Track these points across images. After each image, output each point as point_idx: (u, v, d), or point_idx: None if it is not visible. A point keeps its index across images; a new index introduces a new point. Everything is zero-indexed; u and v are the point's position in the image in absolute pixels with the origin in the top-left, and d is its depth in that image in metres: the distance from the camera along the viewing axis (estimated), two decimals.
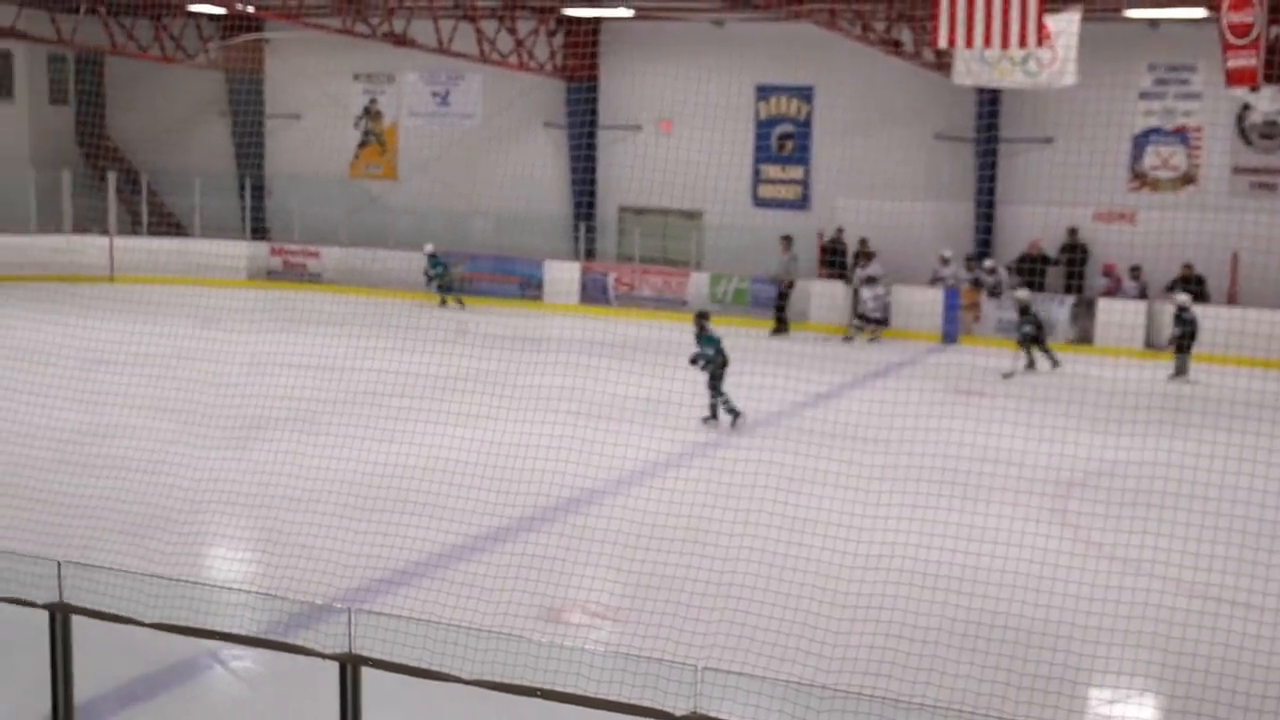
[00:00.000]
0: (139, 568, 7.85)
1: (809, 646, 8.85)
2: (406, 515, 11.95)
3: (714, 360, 16.91)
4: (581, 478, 13.41)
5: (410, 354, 18.91)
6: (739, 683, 5.51)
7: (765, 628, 9.28)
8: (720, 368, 16.97)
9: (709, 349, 16.95)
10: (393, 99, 31.59)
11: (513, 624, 8.86)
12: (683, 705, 5.11)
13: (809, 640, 8.97)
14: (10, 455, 13.40)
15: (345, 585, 10.36)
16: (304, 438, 14.39)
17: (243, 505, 12.46)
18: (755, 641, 8.99)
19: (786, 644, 8.92)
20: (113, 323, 18.89)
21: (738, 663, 8.09)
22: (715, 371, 16.95)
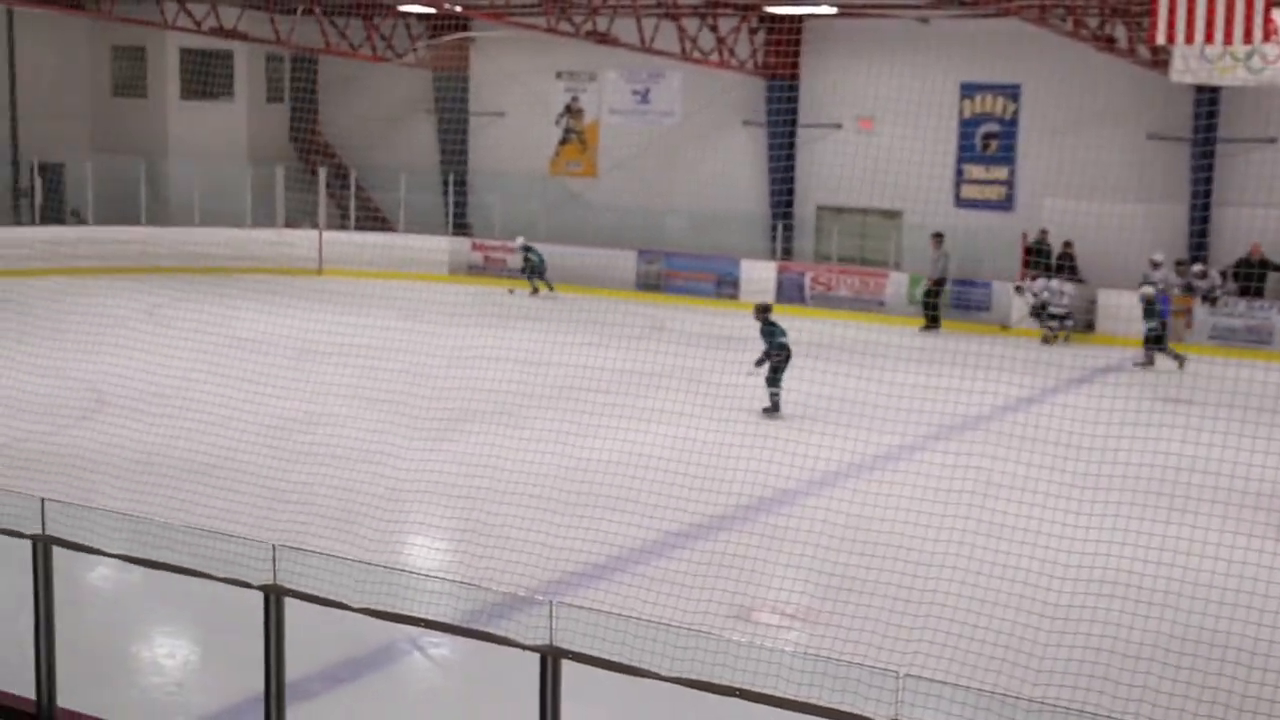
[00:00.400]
0: (345, 553, 8.05)
1: (1013, 657, 8.62)
2: (603, 510, 12.03)
3: (783, 352, 17.12)
4: (777, 477, 13.32)
5: (608, 349, 19.06)
6: (941, 691, 5.37)
7: (965, 635, 9.08)
8: (785, 360, 17.17)
9: (772, 338, 17.20)
10: (594, 97, 31.87)
11: (706, 622, 8.83)
12: (884, 712, 5.01)
13: (1012, 650, 8.74)
14: (226, 441, 13.89)
15: (543, 578, 10.47)
16: (505, 431, 14.61)
17: (445, 496, 12.69)
18: (955, 649, 8.79)
19: (988, 653, 8.71)
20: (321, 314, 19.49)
21: (939, 670, 7.92)
22: (779, 364, 17.13)
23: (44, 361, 17.34)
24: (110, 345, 17.38)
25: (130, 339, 16.76)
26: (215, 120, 33.36)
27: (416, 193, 32.30)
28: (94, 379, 17.37)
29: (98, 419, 15.74)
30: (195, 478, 12.94)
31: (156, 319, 22.17)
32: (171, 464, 13.37)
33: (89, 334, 18.45)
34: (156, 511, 11.33)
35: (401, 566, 10.01)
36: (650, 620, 5.95)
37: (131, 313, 20.85)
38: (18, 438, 14.39)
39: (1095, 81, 25.23)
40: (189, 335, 18.61)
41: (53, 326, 20.10)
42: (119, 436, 13.93)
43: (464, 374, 16.84)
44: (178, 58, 32.86)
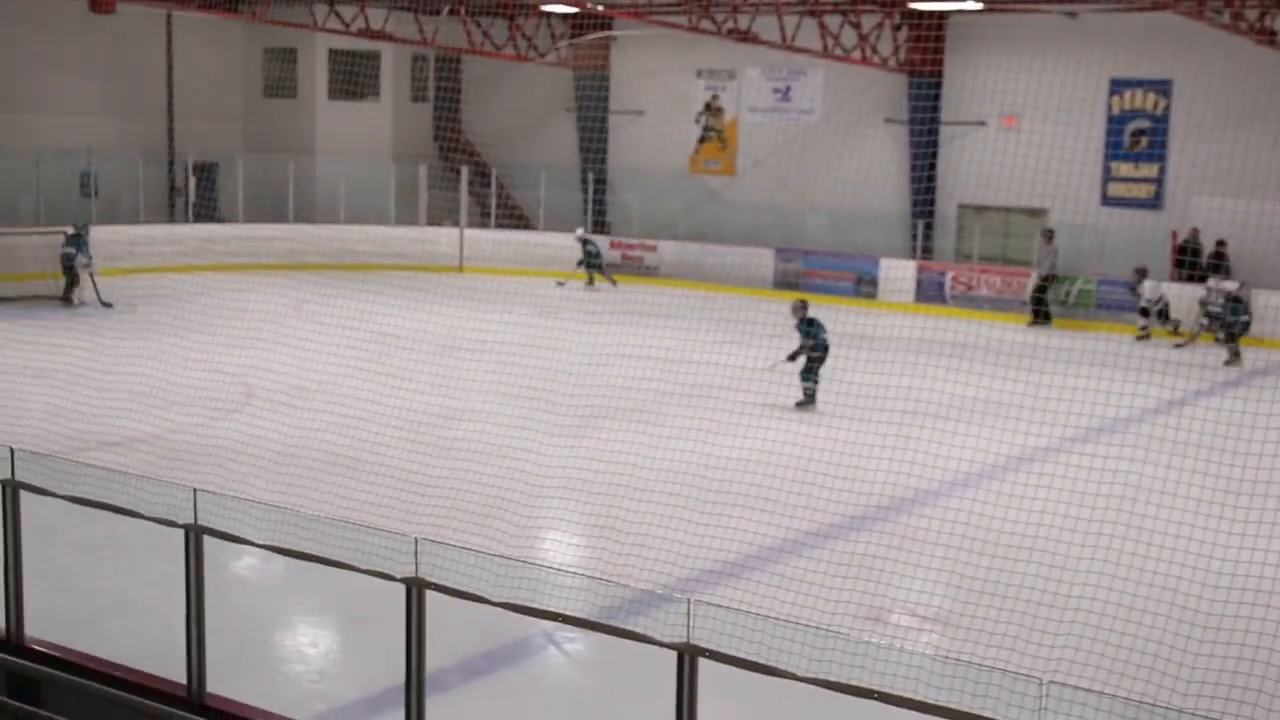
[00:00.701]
0: (484, 547, 8.13)
1: (1160, 666, 8.39)
2: (738, 509, 11.99)
3: (820, 346, 17.31)
4: (913, 477, 13.16)
5: (744, 348, 19.01)
6: (1086, 699, 5.23)
7: (1111, 643, 8.87)
8: (822, 357, 17.30)
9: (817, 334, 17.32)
10: (733, 95, 31.81)
11: (839, 623, 8.74)
12: (1026, 719, 4.91)
13: (1160, 659, 8.51)
14: (368, 435, 14.14)
15: (677, 575, 10.47)
16: (642, 428, 14.64)
17: (582, 492, 12.76)
18: (1100, 656, 8.59)
19: (1134, 660, 8.49)
20: (462, 311, 19.74)
21: (1083, 678, 7.74)
22: (816, 360, 17.25)
23: (196, 355, 17.85)
24: (258, 340, 17.82)
25: (277, 334, 17.17)
26: (361, 120, 34.01)
27: (556, 191, 32.57)
28: (243, 373, 17.82)
29: (246, 412, 16.14)
30: (339, 470, 13.19)
31: (303, 314, 22.66)
32: (316, 457, 13.64)
33: (238, 329, 18.95)
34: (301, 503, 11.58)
35: (539, 561, 10.09)
36: (786, 620, 5.90)
37: (279, 308, 21.36)
38: (171, 429, 14.81)
39: (1252, 76, 24.46)
40: (334, 330, 19.00)
41: (204, 321, 20.66)
42: (266, 429, 14.26)
43: (602, 371, 16.92)
44: (326, 59, 33.56)
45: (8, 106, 29.76)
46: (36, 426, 13.96)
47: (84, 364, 16.93)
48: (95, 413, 14.88)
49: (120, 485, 7.53)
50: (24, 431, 13.25)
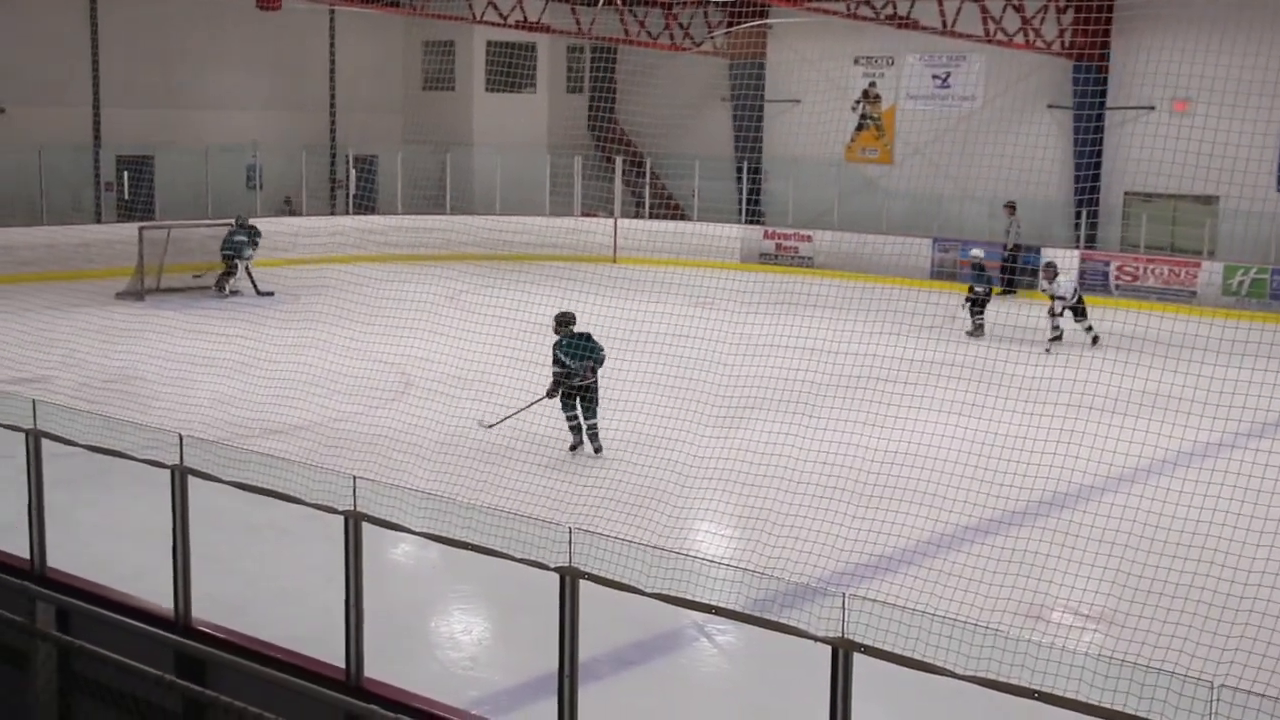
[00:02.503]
0: (635, 536, 8.13)
1: None
2: (893, 502, 11.81)
3: (583, 371, 14.20)
4: (1075, 472, 12.81)
5: (901, 339, 18.74)
6: (1260, 705, 5.01)
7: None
8: (590, 384, 14.24)
9: (594, 354, 14.27)
10: (891, 82, 31.39)
11: (995, 620, 8.53)
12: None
13: None
14: (522, 424, 14.24)
15: (830, 568, 10.35)
16: (795, 420, 14.51)
17: (734, 483, 12.69)
18: (1275, 660, 8.24)
19: None
20: (615, 301, 19.75)
21: (1258, 683, 7.44)
22: (584, 388, 14.20)
23: (356, 344, 18.18)
24: (416, 329, 18.08)
25: (434, 323, 17.38)
26: (518, 111, 34.36)
27: (710, 181, 32.50)
28: (401, 362, 18.11)
29: (404, 400, 16.40)
30: (493, 459, 13.32)
31: (459, 304, 22.94)
32: (472, 445, 13.79)
33: (397, 318, 19.25)
34: (457, 491, 11.72)
35: (690, 552, 10.05)
36: (942, 615, 5.76)
37: (436, 298, 21.64)
38: (332, 417, 15.11)
39: None
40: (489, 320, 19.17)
41: (364, 311, 21.05)
42: (423, 418, 14.46)
43: (756, 362, 16.81)
44: (484, 51, 33.96)
45: (178, 103, 30.72)
46: (203, 414, 14.36)
47: (248, 353, 17.36)
48: (259, 400, 15.25)
49: (282, 471, 7.67)
50: (191, 418, 13.64)
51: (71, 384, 16.57)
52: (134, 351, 18.72)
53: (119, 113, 30.00)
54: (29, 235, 26.19)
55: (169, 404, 14.67)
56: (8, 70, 28.29)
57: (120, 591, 8.17)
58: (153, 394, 15.89)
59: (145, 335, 20.18)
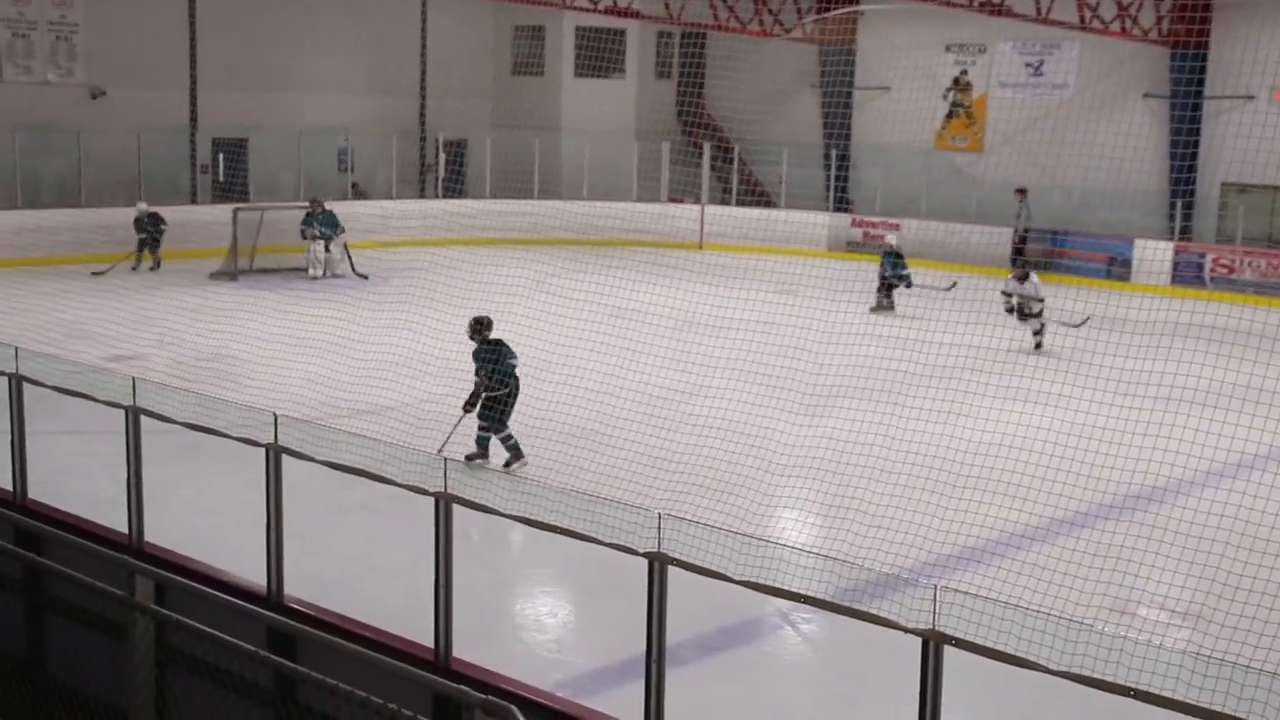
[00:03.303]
0: (720, 523, 8.11)
1: None
2: (980, 493, 11.70)
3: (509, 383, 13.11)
4: (1168, 466, 12.62)
5: (988, 329, 18.53)
6: None
7: None
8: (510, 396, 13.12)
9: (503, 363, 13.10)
10: (983, 69, 31.03)
11: (1082, 614, 8.42)
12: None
13: None
14: (608, 409, 14.29)
15: (916, 558, 10.29)
16: (882, 409, 14.43)
17: (820, 471, 12.65)
18: None
19: None
20: (701, 287, 19.77)
21: None
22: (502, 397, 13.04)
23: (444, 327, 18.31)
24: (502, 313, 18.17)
25: (521, 307, 17.47)
26: (606, 96, 34.40)
27: (798, 168, 32.35)
28: None
29: None
30: (580, 443, 13.37)
31: (545, 288, 23.06)
32: (558, 429, 13.85)
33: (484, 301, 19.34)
34: (543, 474, 11.79)
35: (778, 540, 10.03)
36: (1034, 609, 5.71)
37: (523, 282, 21.77)
38: (421, 399, 15.25)
39: None
40: (576, 305, 19.24)
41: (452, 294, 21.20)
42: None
43: (842, 350, 16.72)
44: (574, 36, 34.03)
45: (272, 86, 31.11)
46: (295, 393, 14.55)
47: (339, 334, 17.57)
48: (349, 381, 15.43)
49: (372, 451, 7.77)
50: (284, 398, 13.82)
51: (167, 362, 16.88)
52: (227, 331, 19.03)
53: (215, 96, 30.47)
54: (128, 216, 26.70)
55: (261, 383, 14.89)
56: (109, 54, 28.83)
57: (215, 567, 8.32)
58: (245, 373, 16.14)
59: (238, 315, 20.50)
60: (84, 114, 28.29)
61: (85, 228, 26.27)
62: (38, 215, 25.89)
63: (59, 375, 9.57)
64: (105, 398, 8.90)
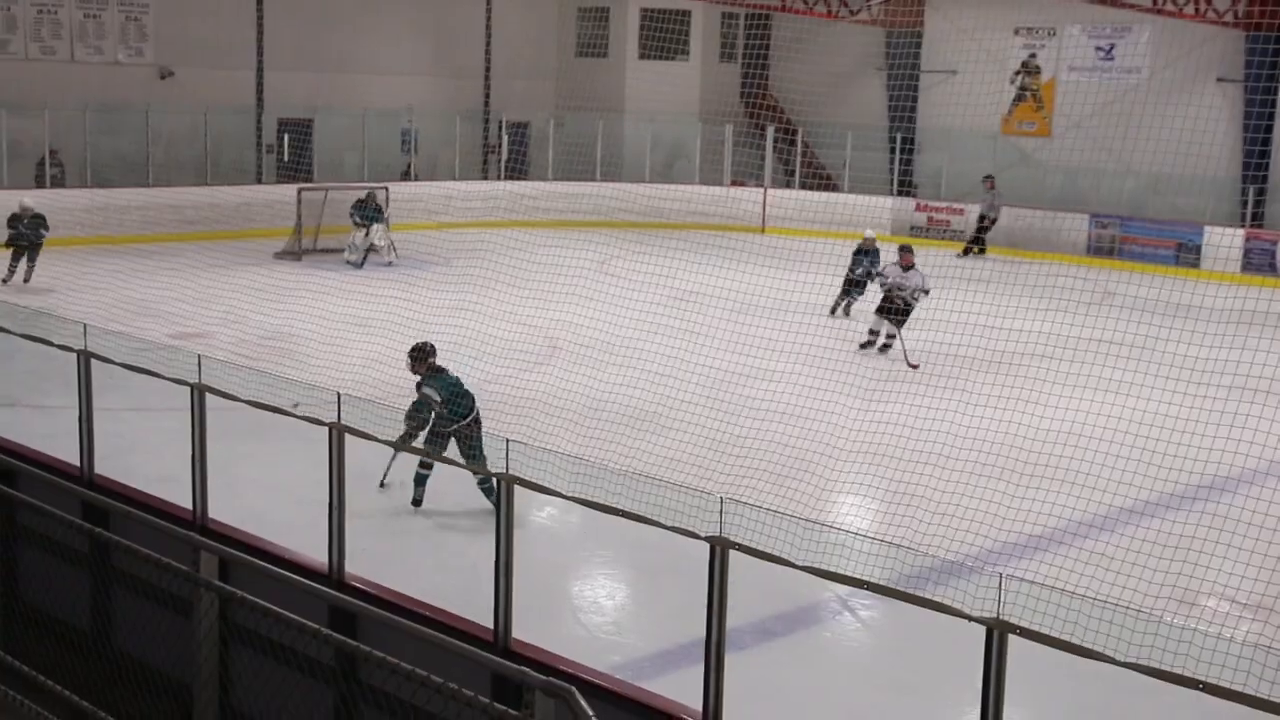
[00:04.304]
0: (781, 507, 8.07)
1: None
2: (1041, 480, 11.58)
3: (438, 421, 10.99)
4: (1234, 455, 12.42)
5: (1055, 315, 18.34)
6: None
7: None
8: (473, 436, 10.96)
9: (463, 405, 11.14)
10: (1052, 53, 30.66)
11: (1146, 604, 8.29)
12: None
13: None
14: (668, 392, 14.26)
15: (980, 546, 10.19)
16: (945, 395, 14.31)
17: (881, 457, 12.57)
18: None
19: None
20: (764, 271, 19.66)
21: None
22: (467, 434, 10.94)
23: (506, 308, 18.36)
24: (564, 295, 18.20)
25: (582, 289, 17.48)
26: (670, 79, 34.27)
27: (862, 151, 32.12)
28: (549, 327, 18.26)
29: (552, 365, 16.53)
30: (640, 426, 13.36)
31: (607, 271, 23.05)
32: (618, 411, 13.85)
33: (546, 284, 19.39)
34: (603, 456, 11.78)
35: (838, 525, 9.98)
36: (1100, 599, 5.63)
37: (585, 264, 21.75)
38: (482, 380, 15.25)
39: None
40: (637, 287, 19.23)
41: (514, 276, 21.26)
42: (570, 383, 14.56)
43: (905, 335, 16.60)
44: (638, 18, 33.95)
45: (337, 67, 31.26)
46: (357, 373, 14.62)
47: (401, 314, 17.63)
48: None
49: None
50: (346, 378, 13.89)
51: (231, 340, 17.02)
52: (291, 310, 19.16)
53: (281, 76, 30.67)
54: (194, 195, 26.95)
55: (324, 362, 14.97)
56: (177, 35, 29.08)
57: (277, 544, 8.38)
58: (308, 352, 16.24)
59: (301, 294, 20.63)
60: (153, 94, 28.56)
61: (153, 207, 26.55)
62: (107, 194, 26.18)
63: (126, 352, 9.66)
64: (171, 375, 8.97)
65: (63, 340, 9.62)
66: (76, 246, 24.55)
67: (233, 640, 6.62)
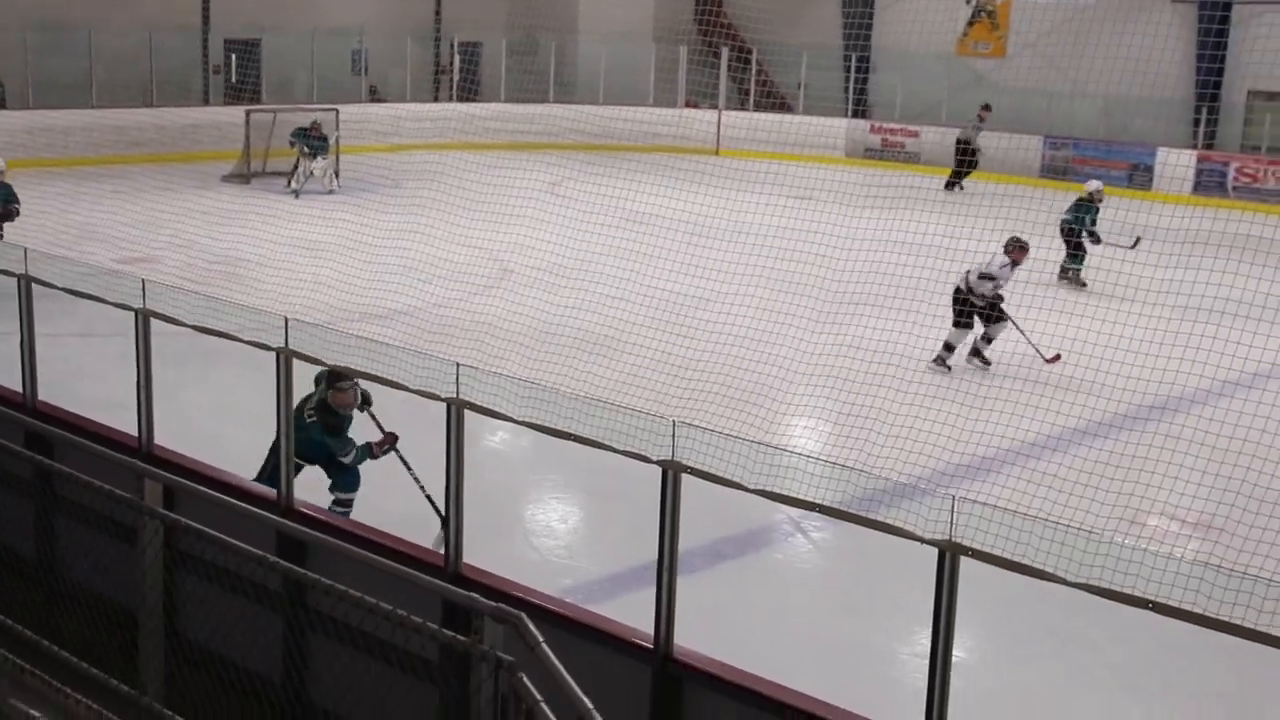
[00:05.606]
0: (736, 431, 8.03)
1: None
2: (993, 402, 11.62)
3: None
4: (1184, 375, 12.50)
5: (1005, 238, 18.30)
6: None
7: None
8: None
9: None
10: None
11: (1094, 524, 8.33)
12: None
13: None
14: (621, 315, 14.19)
15: (929, 467, 10.23)
16: (896, 317, 14.30)
17: (834, 379, 12.56)
18: None
19: None
20: (717, 194, 19.55)
21: None
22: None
23: (456, 231, 18.18)
24: (515, 218, 18.04)
25: (533, 212, 17.32)
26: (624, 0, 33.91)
27: (817, 73, 31.92)
28: (500, 250, 18.10)
29: (502, 289, 16.40)
30: (592, 349, 13.29)
31: (559, 193, 22.87)
32: (570, 335, 13.77)
33: (497, 206, 19.20)
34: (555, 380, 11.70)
35: (792, 449, 9.97)
36: (1051, 520, 5.63)
37: (536, 187, 21.58)
38: (433, 303, 15.16)
39: None
40: (589, 210, 19.08)
41: (464, 198, 21.04)
42: (522, 306, 14.45)
43: (860, 258, 16.55)
44: None
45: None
46: (306, 297, 14.45)
47: (351, 238, 17.45)
48: (361, 285, 15.33)
49: (383, 356, 7.67)
50: (295, 301, 13.73)
51: (178, 265, 16.79)
52: (239, 234, 18.90)
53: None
54: (140, 117, 26.46)
55: (272, 287, 14.80)
56: None
57: (224, 471, 8.28)
58: (257, 276, 16.06)
59: (250, 218, 20.38)
60: (96, 13, 27.93)
61: (97, 129, 26.07)
62: (50, 115, 25.66)
63: (70, 277, 9.46)
64: (116, 300, 8.80)
65: (4, 265, 9.41)
66: (18, 170, 24.08)
67: (180, 568, 6.54)
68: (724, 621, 7.92)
